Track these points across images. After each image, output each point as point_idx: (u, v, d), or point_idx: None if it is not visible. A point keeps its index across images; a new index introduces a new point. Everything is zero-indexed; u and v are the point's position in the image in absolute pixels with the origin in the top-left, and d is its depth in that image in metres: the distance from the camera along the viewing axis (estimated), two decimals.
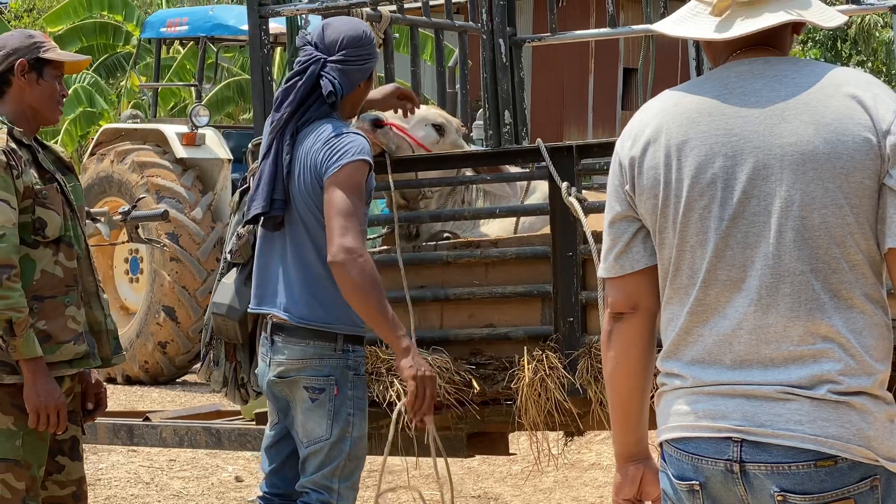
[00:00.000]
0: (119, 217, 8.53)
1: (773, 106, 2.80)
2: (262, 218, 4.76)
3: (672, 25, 2.93)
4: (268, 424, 5.00)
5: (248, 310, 4.99)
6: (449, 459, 5.28)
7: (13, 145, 4.55)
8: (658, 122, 2.88)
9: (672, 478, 2.86)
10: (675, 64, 19.38)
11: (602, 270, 2.99)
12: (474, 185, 5.69)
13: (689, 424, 2.83)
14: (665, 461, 2.89)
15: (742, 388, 2.78)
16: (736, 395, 2.78)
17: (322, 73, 4.71)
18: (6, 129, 4.59)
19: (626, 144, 2.92)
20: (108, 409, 5.00)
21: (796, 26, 2.93)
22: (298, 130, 4.72)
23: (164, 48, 15.75)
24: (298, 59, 4.79)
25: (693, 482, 2.82)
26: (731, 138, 2.80)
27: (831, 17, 2.93)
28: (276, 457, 4.98)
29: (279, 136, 4.73)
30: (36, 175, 4.59)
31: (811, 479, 2.72)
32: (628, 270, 2.94)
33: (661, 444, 2.93)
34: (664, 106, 2.91)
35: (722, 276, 2.81)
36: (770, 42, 2.90)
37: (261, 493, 5.02)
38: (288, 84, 4.75)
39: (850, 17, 3.48)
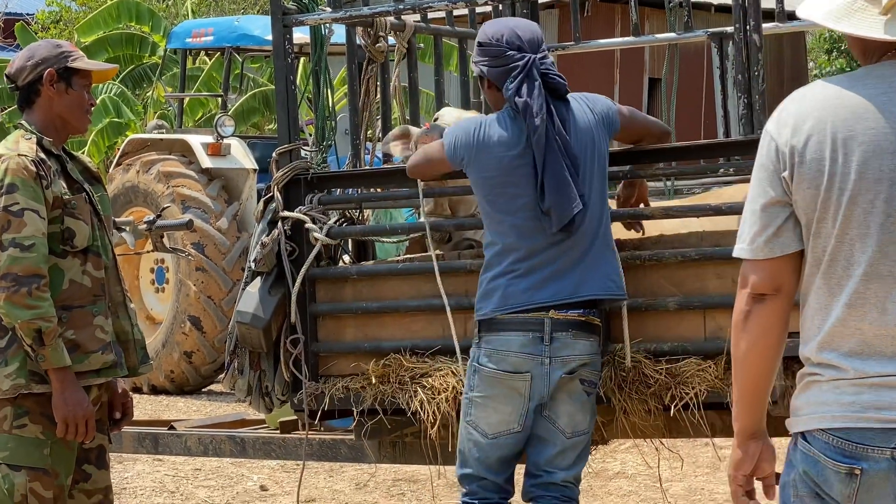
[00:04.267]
0: (144, 226, 8.56)
1: None
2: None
3: (834, 20, 2.98)
4: (500, 431, 4.87)
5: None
6: None
7: (42, 155, 4.58)
8: (820, 115, 2.94)
9: (828, 459, 2.92)
10: (699, 73, 19.35)
11: (746, 252, 3.04)
12: None
13: (853, 415, 2.90)
14: (814, 446, 2.95)
15: None
16: None
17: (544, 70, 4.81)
18: (35, 139, 4.62)
19: (786, 132, 2.97)
20: (133, 419, 5.02)
21: None
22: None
23: (189, 59, 15.77)
24: (508, 66, 4.81)
25: (854, 466, 2.89)
26: None
27: None
28: (514, 462, 4.96)
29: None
30: (65, 185, 4.62)
31: None
32: (778, 254, 3.01)
33: (801, 434, 2.99)
34: (825, 98, 2.96)
35: (884, 271, 2.90)
36: None
37: (487, 502, 4.93)
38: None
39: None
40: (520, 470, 4.97)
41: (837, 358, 2.94)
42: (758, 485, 3.20)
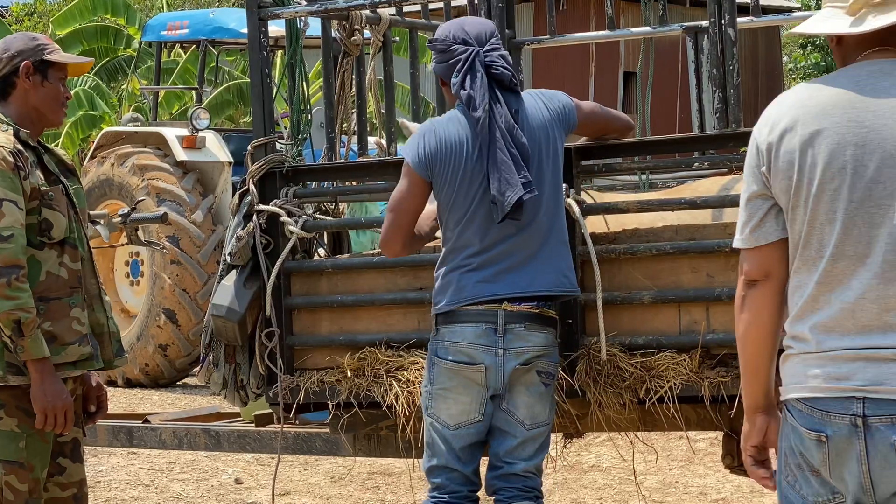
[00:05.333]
0: (119, 219, 8.54)
1: None
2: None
3: (812, 25, 3.32)
4: (461, 422, 4.87)
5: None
6: None
7: (20, 147, 4.57)
8: (794, 113, 3.23)
9: (802, 428, 3.21)
10: (675, 67, 19.39)
11: (739, 242, 3.33)
12: None
13: (818, 386, 3.19)
14: (793, 416, 3.24)
15: (865, 353, 3.15)
16: (858, 359, 3.15)
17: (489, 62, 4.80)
18: (12, 131, 4.61)
19: (764, 131, 3.27)
20: (108, 412, 5.01)
21: None
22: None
23: (164, 51, 15.74)
24: (452, 61, 4.81)
25: (821, 433, 3.17)
26: (861, 129, 3.16)
27: None
28: (478, 453, 4.96)
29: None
30: (42, 177, 4.61)
31: None
32: (762, 242, 3.29)
33: (786, 402, 3.26)
34: (799, 98, 3.26)
35: (849, 252, 3.17)
36: (893, 43, 3.24)
37: (456, 495, 4.94)
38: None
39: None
40: (483, 463, 4.98)
41: (806, 331, 3.23)
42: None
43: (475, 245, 4.78)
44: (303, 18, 5.96)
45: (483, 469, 4.97)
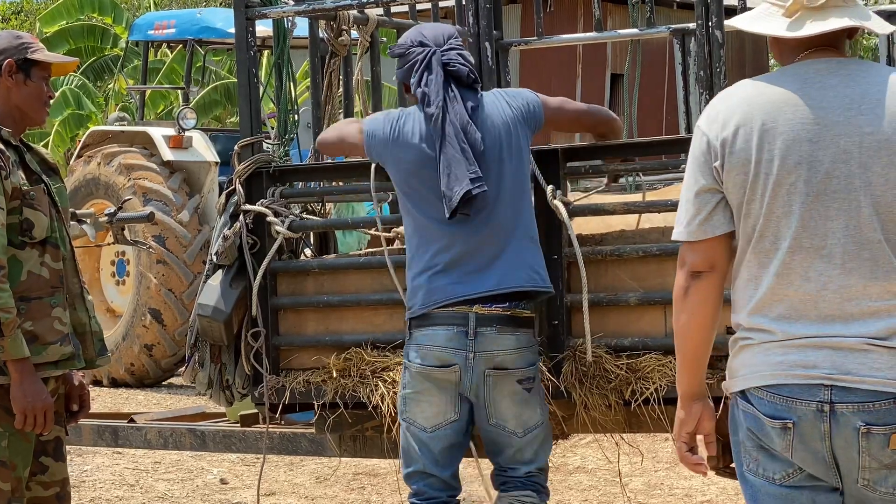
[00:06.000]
0: (105, 219, 8.52)
1: (850, 100, 3.30)
2: None
3: (749, 22, 3.43)
4: (438, 423, 4.84)
5: None
6: None
7: (1, 146, 4.56)
8: (746, 110, 3.34)
9: (764, 416, 3.32)
10: (662, 69, 19.40)
11: (683, 234, 3.43)
12: None
13: (782, 373, 3.30)
14: (752, 404, 3.34)
15: (829, 341, 3.27)
16: (823, 347, 3.28)
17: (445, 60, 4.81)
18: None
19: (715, 127, 3.37)
20: (93, 411, 5.00)
21: (851, 32, 3.38)
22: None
23: (151, 51, 15.71)
24: (410, 62, 4.84)
25: (787, 420, 3.29)
26: (814, 126, 3.29)
27: (883, 26, 3.41)
28: (457, 456, 4.93)
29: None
30: (23, 176, 4.60)
31: (891, 414, 3.25)
32: (710, 235, 3.40)
33: (740, 392, 3.37)
34: (748, 95, 3.36)
35: (806, 244, 3.29)
36: (833, 44, 3.38)
37: (434, 501, 4.90)
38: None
39: None
40: (466, 464, 4.97)
41: (767, 322, 3.33)
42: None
43: (438, 244, 4.76)
44: (290, 18, 5.95)
45: (468, 470, 4.96)
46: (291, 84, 6.02)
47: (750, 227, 3.35)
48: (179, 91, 15.94)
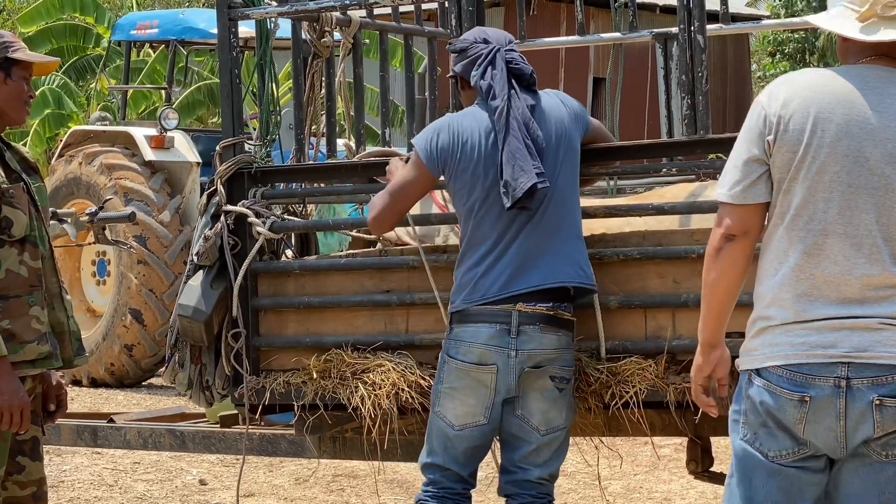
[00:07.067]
0: (86, 218, 8.51)
1: None
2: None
3: (825, 20, 3.65)
4: (466, 423, 4.88)
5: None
6: (411, 465, 5.28)
7: None
8: (807, 95, 3.55)
9: (783, 389, 3.53)
10: (644, 73, 19.44)
11: (726, 196, 3.63)
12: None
13: (803, 353, 3.53)
14: (769, 380, 3.55)
15: (848, 322, 3.50)
16: (842, 328, 3.51)
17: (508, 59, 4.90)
18: None
19: (775, 104, 3.57)
20: (72, 411, 4.98)
21: None
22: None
23: (134, 51, 15.67)
24: (473, 57, 4.89)
25: (804, 394, 3.51)
26: (867, 125, 3.52)
27: None
28: (479, 456, 4.97)
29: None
30: (3, 174, 4.58)
31: None
32: (750, 201, 3.61)
33: (756, 371, 3.58)
34: (812, 82, 3.58)
35: (839, 230, 3.52)
36: (893, 55, 3.59)
37: (449, 491, 4.94)
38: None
39: (819, 29, 3.82)
40: (485, 465, 4.97)
41: (789, 299, 3.55)
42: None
43: (490, 240, 4.81)
44: (273, 19, 5.95)
45: (484, 472, 4.97)
46: (274, 85, 6.01)
47: (787, 203, 3.57)
48: (162, 91, 15.90)
